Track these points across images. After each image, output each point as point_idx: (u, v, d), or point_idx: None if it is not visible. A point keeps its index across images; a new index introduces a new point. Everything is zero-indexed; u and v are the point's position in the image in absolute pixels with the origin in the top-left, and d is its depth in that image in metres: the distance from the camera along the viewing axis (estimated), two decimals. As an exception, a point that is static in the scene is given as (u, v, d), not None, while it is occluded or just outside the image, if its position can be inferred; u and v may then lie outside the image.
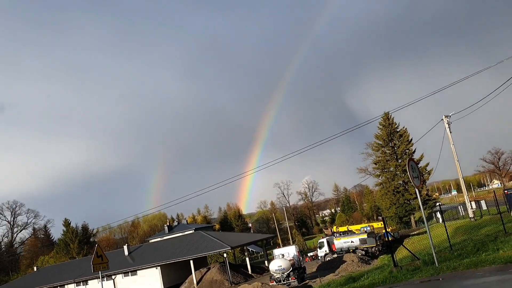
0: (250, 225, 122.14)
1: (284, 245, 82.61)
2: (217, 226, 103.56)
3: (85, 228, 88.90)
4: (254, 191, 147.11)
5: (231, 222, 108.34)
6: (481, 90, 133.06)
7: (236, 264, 56.51)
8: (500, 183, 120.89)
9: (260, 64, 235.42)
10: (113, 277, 46.43)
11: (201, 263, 50.62)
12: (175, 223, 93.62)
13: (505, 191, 23.53)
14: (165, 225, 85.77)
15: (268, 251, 56.65)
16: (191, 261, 43.76)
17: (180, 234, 68.72)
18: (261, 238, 59.43)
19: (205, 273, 44.67)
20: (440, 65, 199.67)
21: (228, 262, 44.41)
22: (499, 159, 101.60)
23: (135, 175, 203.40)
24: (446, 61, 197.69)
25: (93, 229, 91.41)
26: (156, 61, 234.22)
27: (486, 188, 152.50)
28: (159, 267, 45.16)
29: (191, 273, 44.02)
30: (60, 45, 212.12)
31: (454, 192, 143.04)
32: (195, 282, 43.44)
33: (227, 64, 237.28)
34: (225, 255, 44.31)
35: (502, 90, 27.86)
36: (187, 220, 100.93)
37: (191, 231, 67.22)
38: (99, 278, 20.48)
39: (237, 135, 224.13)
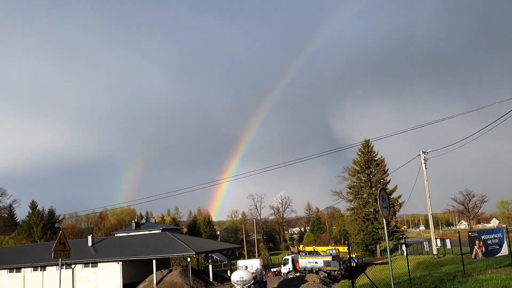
0: (218, 233, 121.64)
1: (249, 257, 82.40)
2: (185, 230, 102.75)
3: (51, 213, 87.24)
4: (227, 200, 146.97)
5: (199, 227, 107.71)
6: (461, 131, 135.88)
7: (199, 270, 56.14)
8: (468, 224, 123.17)
9: (250, 75, 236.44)
10: (72, 266, 45.63)
11: (163, 264, 50.15)
12: (143, 221, 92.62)
13: (470, 233, 24.06)
14: (133, 221, 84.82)
15: (232, 261, 56.47)
16: (154, 261, 43.34)
17: (147, 232, 68.04)
18: (227, 248, 59.22)
19: (166, 275, 44.26)
20: (423, 102, 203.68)
21: (191, 267, 44.12)
22: (469, 201, 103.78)
23: (112, 167, 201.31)
24: (430, 99, 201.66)
25: (60, 215, 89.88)
26: (150, 57, 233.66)
27: (453, 228, 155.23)
28: (120, 262, 44.58)
29: (153, 273, 43.59)
30: (57, 27, 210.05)
31: (422, 227, 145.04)
32: (155, 282, 43.00)
33: (219, 70, 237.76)
34: (188, 259, 44.03)
35: (480, 135, 28.65)
36: (155, 219, 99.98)
37: (158, 231, 66.61)
38: (59, 265, 20.18)
39: (219, 142, 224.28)
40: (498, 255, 23.77)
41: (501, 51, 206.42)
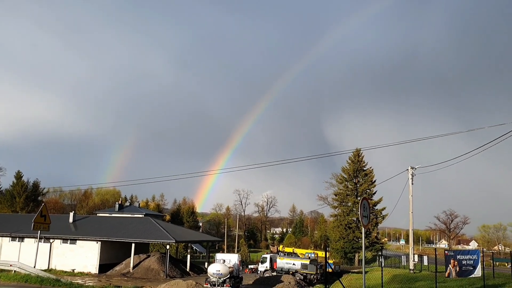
0: (200, 224, 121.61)
1: (228, 252, 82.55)
2: (167, 217, 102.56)
3: (36, 185, 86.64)
4: (213, 192, 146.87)
5: (183, 216, 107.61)
6: (453, 150, 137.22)
7: (177, 258, 56.17)
8: (447, 244, 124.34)
9: (251, 73, 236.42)
10: (51, 240, 45.43)
11: (142, 249, 50.15)
12: (127, 204, 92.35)
13: (446, 252, 24.38)
14: (117, 202, 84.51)
15: (211, 254, 56.59)
16: (133, 244, 43.35)
17: (129, 215, 67.92)
18: (208, 240, 59.35)
19: (143, 259, 44.30)
20: (417, 117, 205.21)
21: (169, 255, 44.18)
22: (451, 221, 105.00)
23: (102, 146, 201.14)
24: (425, 114, 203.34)
25: (44, 188, 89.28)
26: (155, 42, 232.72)
27: (433, 246, 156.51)
28: (99, 242, 44.50)
29: (130, 256, 43.61)
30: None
31: (402, 242, 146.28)
32: (131, 265, 43.02)
33: (220, 64, 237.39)
34: (168, 247, 44.08)
35: (468, 157, 28.98)
36: (139, 204, 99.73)
37: (140, 215, 66.50)
38: (37, 237, 20.17)
39: (212, 135, 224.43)
40: (471, 276, 24.12)
41: (501, 75, 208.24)
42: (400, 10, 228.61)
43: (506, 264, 68.20)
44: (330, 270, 42.03)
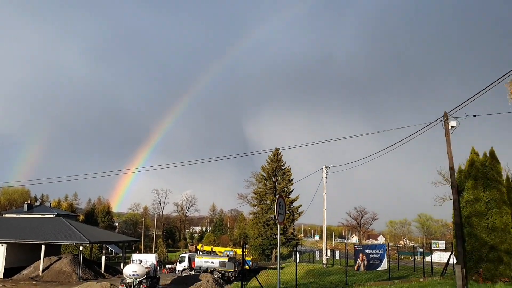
0: (116, 224, 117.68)
1: (146, 252, 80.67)
2: (81, 217, 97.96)
3: None
4: (130, 191, 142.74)
5: (97, 216, 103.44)
6: (363, 150, 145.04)
7: (91, 260, 53.94)
8: (358, 239, 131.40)
9: (172, 69, 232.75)
10: None
11: (54, 251, 47.60)
12: (37, 203, 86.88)
13: (355, 246, 25.85)
14: (26, 202, 79.22)
15: (128, 255, 55.06)
16: (43, 246, 40.97)
17: (40, 215, 64.00)
18: (124, 240, 57.70)
19: (54, 262, 42.07)
20: (334, 118, 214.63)
21: (83, 257, 42.34)
22: (361, 217, 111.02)
23: (11, 142, 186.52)
24: (340, 116, 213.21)
25: None
26: (69, 32, 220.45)
27: (345, 241, 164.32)
28: (5, 245, 41.54)
29: (40, 259, 41.18)
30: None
31: (317, 237, 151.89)
32: (41, 268, 40.65)
33: (141, 59, 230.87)
34: (81, 248, 42.22)
35: (376, 157, 30.89)
36: (50, 203, 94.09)
37: (52, 216, 62.93)
38: None
39: (130, 132, 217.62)
40: (378, 269, 25.77)
41: (408, 79, 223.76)
42: (317, 14, 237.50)
43: (410, 257, 73.44)
44: (247, 267, 42.71)
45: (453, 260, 24.14)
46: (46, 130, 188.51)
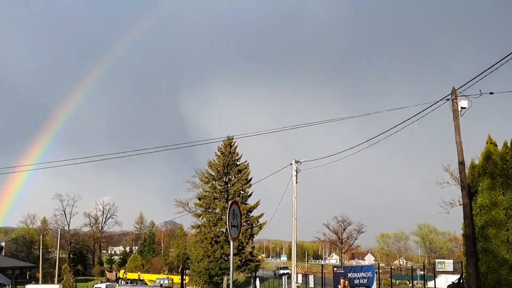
0: (3, 244, 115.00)
1: (45, 282, 79.16)
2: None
3: None
4: (22, 197, 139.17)
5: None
6: (349, 142, 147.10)
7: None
8: (339, 258, 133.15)
9: (80, 29, 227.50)
10: None
11: None
12: None
13: (335, 269, 26.38)
14: None
15: (20, 286, 53.97)
16: None
17: None
18: (13, 266, 56.36)
19: None
20: (291, 107, 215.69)
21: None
22: (344, 230, 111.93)
23: None
24: (300, 102, 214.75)
25: None
26: None
27: (322, 262, 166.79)
28: None
29: None
30: None
31: (284, 258, 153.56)
32: None
33: (33, 17, 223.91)
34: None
35: (360, 149, 31.51)
36: None
37: None
38: None
39: (21, 115, 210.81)
40: (365, 298, 26.40)
41: (395, 53, 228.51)
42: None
43: (408, 282, 74.98)
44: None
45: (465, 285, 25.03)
46: None
